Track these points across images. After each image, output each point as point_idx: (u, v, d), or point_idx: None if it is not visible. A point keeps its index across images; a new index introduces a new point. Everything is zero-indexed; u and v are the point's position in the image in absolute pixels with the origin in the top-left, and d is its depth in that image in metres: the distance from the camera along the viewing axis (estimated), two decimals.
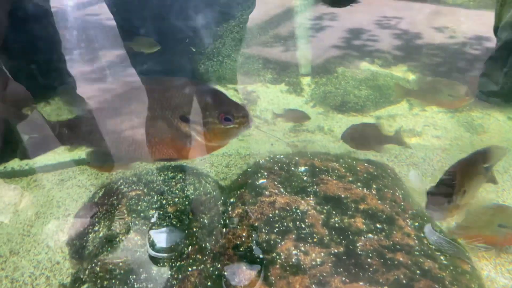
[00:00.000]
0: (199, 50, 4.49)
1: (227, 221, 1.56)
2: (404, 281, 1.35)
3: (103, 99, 1.53)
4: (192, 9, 4.41)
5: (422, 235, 1.57)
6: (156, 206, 2.07)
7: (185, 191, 2.18)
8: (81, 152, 3.34)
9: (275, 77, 4.64)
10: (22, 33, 4.06)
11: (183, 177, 2.34)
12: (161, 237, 1.94)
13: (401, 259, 1.43)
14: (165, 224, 1.92)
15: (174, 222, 1.89)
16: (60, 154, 3.23)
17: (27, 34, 4.09)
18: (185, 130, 1.39)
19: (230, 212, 1.60)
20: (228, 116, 1.37)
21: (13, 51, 4.05)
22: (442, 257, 1.51)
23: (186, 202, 2.06)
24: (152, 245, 1.81)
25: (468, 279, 1.47)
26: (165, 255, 1.76)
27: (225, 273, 1.52)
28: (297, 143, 3.35)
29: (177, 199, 2.10)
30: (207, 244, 1.49)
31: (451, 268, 1.48)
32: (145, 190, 2.19)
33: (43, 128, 1.56)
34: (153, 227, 2.07)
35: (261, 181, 1.74)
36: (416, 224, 1.62)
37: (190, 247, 1.52)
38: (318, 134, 3.56)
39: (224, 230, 1.51)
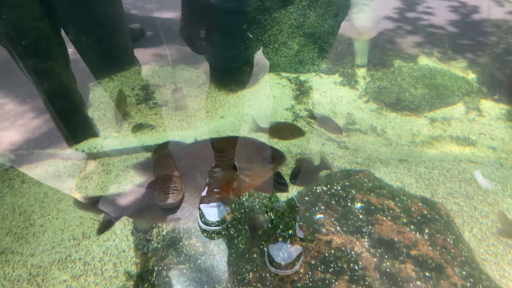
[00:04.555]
0: (256, 36, 4.42)
1: (286, 254, 1.62)
2: None
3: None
4: None
5: (468, 284, 1.55)
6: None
7: (240, 198, 2.24)
8: (147, 138, 3.48)
9: (329, 67, 4.51)
10: (87, 9, 4.14)
11: None
12: (210, 211, 2.07)
13: None
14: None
15: (232, 232, 1.97)
16: (125, 138, 3.38)
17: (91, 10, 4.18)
18: (237, 176, 1.78)
19: (289, 246, 1.65)
20: (269, 160, 1.76)
21: (79, 28, 4.17)
22: None
23: (242, 210, 2.13)
24: (203, 219, 2.00)
25: None
26: (214, 228, 1.94)
27: (270, 251, 1.66)
28: (349, 144, 3.30)
29: (233, 205, 2.17)
30: (267, 274, 1.56)
31: None
32: None
33: None
34: (203, 202, 2.18)
35: (318, 216, 1.77)
36: (464, 273, 1.59)
37: (251, 273, 1.59)
38: (371, 135, 3.48)
39: (283, 263, 1.58)
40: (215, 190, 2.01)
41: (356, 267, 1.55)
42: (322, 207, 1.81)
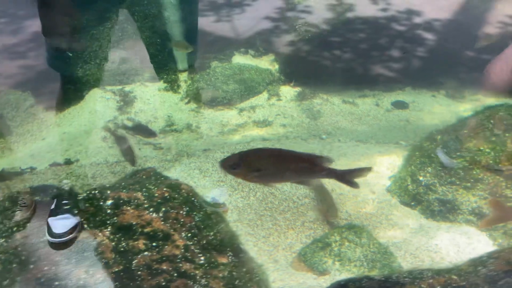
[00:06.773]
0: (76, 54, 4.50)
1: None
2: (163, 283, 1.82)
3: None
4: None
5: (191, 243, 2.02)
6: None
7: None
8: None
9: (153, 75, 4.82)
10: None
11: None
12: (57, 224, 2.20)
13: (164, 267, 1.88)
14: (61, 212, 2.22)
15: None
16: None
17: None
18: None
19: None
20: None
21: None
22: (202, 258, 1.98)
23: None
24: (50, 231, 2.09)
25: (221, 269, 1.96)
26: (60, 240, 2.04)
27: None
28: (164, 145, 3.68)
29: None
30: None
31: (206, 265, 1.96)
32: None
33: None
34: (51, 215, 2.29)
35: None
36: (190, 235, 2.07)
37: None
38: (185, 133, 3.90)
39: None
40: None
41: (96, 253, 1.91)
42: (75, 211, 2.12)
